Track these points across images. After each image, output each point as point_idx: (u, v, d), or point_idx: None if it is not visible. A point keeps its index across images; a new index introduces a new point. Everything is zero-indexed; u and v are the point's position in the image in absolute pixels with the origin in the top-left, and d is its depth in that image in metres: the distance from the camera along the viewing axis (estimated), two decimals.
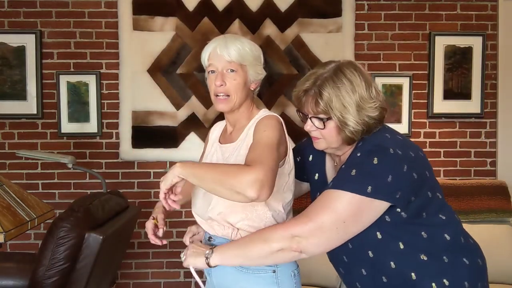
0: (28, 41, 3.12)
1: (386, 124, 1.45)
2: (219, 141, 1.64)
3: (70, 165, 2.82)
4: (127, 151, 3.15)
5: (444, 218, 1.37)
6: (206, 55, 1.53)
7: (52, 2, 3.14)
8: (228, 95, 1.51)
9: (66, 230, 1.97)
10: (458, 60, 3.25)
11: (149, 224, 1.57)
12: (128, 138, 3.15)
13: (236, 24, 3.15)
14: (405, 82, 3.21)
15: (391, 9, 3.24)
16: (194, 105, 3.17)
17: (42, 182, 3.18)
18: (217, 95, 1.52)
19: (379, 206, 1.29)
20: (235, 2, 3.15)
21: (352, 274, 1.44)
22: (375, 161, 1.28)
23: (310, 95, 1.37)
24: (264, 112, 1.55)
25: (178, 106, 3.16)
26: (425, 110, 3.26)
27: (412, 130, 3.24)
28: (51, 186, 3.18)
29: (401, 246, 1.33)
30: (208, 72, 1.54)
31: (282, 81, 3.18)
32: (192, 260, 1.43)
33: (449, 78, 3.25)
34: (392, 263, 1.33)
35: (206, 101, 3.16)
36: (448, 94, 3.25)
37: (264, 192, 1.25)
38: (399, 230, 1.33)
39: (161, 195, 1.38)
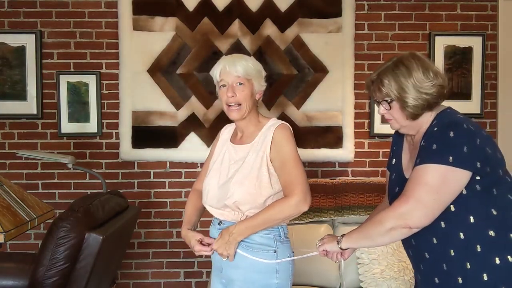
0: (28, 41, 3.12)
1: None
2: (231, 141, 1.88)
3: (70, 165, 2.82)
4: (127, 151, 3.15)
5: None
6: (217, 72, 1.80)
7: (52, 2, 3.14)
8: (240, 104, 1.78)
9: (66, 230, 1.98)
10: (458, 60, 3.25)
11: (198, 247, 1.80)
12: (128, 138, 3.14)
13: (236, 24, 3.15)
14: None
15: (391, 9, 3.25)
16: (194, 105, 3.17)
17: (42, 182, 3.18)
18: (229, 105, 1.79)
19: (463, 175, 1.43)
20: (235, 2, 3.15)
21: (422, 243, 1.56)
22: (451, 134, 1.45)
23: (376, 84, 1.60)
24: (274, 121, 1.81)
25: (178, 106, 3.16)
26: None
27: None
28: (51, 186, 3.18)
29: (471, 220, 1.45)
30: (220, 86, 1.82)
31: (282, 81, 3.18)
32: (328, 245, 1.70)
33: (449, 78, 3.25)
34: (461, 234, 1.46)
35: (206, 101, 3.16)
36: (448, 94, 3.24)
37: (308, 199, 1.67)
38: (471, 204, 1.46)
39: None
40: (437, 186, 1.43)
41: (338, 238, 1.67)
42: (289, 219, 1.72)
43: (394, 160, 1.73)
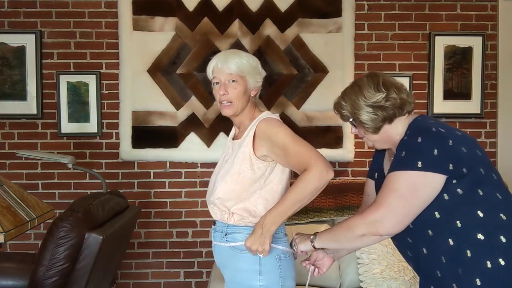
0: (28, 41, 3.12)
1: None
2: (233, 138, 1.87)
3: (70, 165, 2.82)
4: (127, 151, 3.15)
5: (501, 197, 1.46)
6: (210, 70, 1.78)
7: (52, 2, 3.14)
8: (231, 102, 1.73)
9: (66, 230, 1.97)
10: (458, 60, 3.25)
11: None
12: (128, 138, 3.15)
13: (236, 24, 3.15)
14: (405, 82, 3.17)
15: (391, 9, 3.25)
16: (194, 105, 3.17)
17: (42, 182, 3.18)
18: (221, 102, 1.75)
19: (434, 179, 1.42)
20: (235, 2, 3.15)
21: (416, 254, 1.56)
22: (419, 139, 1.45)
23: (337, 108, 1.67)
24: (264, 114, 1.76)
25: (178, 106, 3.16)
26: (425, 110, 3.26)
27: None
28: (51, 186, 3.18)
29: (459, 225, 1.43)
30: (213, 83, 1.79)
31: (282, 81, 3.18)
32: (302, 246, 1.66)
33: (449, 78, 3.25)
34: (450, 240, 1.44)
35: (206, 101, 3.16)
36: (448, 94, 3.25)
37: (329, 165, 1.59)
38: (456, 209, 1.44)
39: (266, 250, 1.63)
40: (405, 193, 1.43)
41: (311, 237, 1.65)
42: (317, 192, 1.61)
43: (376, 174, 1.73)
